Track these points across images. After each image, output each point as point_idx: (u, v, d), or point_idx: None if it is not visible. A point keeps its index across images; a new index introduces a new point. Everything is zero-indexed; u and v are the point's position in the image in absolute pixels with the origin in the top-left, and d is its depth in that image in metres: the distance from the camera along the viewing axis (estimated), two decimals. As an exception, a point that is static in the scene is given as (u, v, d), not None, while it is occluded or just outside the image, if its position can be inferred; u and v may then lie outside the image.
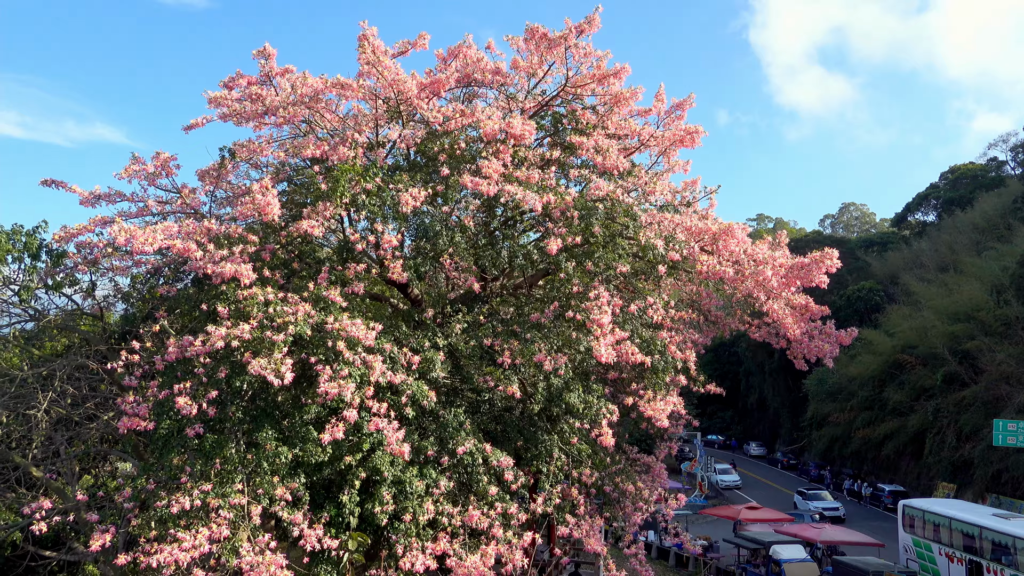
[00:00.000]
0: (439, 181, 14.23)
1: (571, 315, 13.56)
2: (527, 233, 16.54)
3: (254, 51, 15.20)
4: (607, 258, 13.93)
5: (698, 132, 17.32)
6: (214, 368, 11.69)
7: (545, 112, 17.59)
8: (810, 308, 17.18)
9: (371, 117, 15.25)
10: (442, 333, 13.95)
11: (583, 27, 15.80)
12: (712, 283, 16.61)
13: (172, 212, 15.41)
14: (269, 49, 15.33)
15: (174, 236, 12.49)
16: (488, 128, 14.17)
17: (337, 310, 12.37)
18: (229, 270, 12.06)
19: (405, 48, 15.77)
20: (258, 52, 15.27)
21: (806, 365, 17.93)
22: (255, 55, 15.22)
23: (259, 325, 11.56)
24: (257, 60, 15.23)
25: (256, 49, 15.23)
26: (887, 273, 74.90)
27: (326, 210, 13.01)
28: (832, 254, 15.85)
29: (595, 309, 13.19)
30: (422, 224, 13.97)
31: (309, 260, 14.49)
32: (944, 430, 50.65)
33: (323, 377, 11.42)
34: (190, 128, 15.27)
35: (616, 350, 13.40)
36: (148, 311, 14.92)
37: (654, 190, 17.05)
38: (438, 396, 13.21)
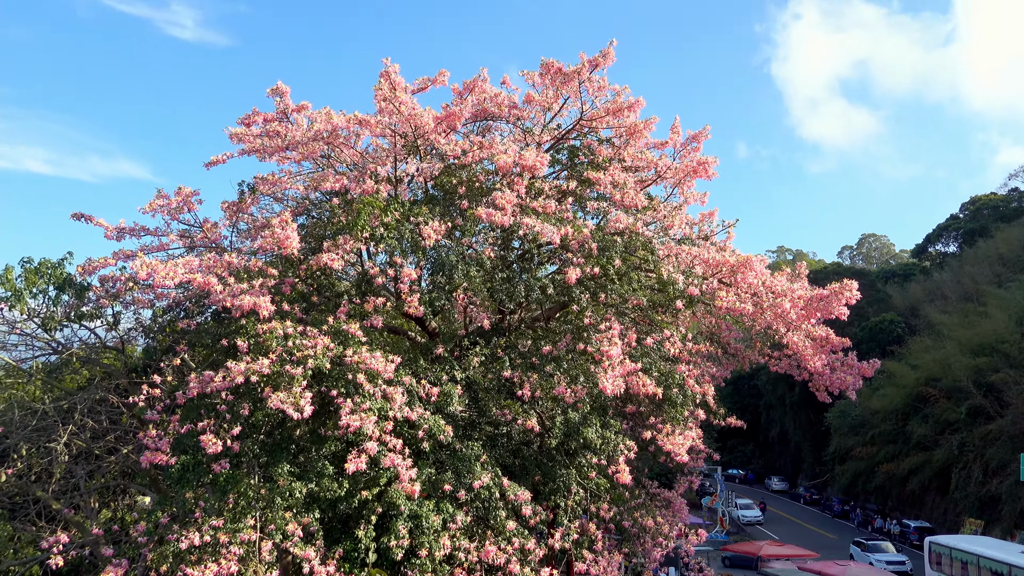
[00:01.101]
0: (456, 214, 14.35)
1: (582, 347, 13.57)
2: (544, 266, 16.63)
3: (269, 89, 15.52)
4: (622, 290, 13.94)
5: (710, 163, 17.40)
6: (236, 404, 11.76)
7: (561, 145, 17.77)
8: (831, 340, 17.08)
9: (389, 152, 15.46)
10: (460, 366, 13.98)
11: (598, 61, 16.00)
12: (731, 316, 16.57)
13: (194, 246, 15.63)
14: (282, 87, 15.63)
15: (195, 270, 12.64)
16: (502, 161, 14.33)
17: (356, 343, 12.44)
18: (248, 303, 12.15)
19: (425, 84, 16.03)
20: (272, 90, 15.59)
21: (828, 398, 17.79)
22: (270, 93, 15.53)
23: (278, 359, 11.62)
24: (272, 98, 15.53)
25: (270, 87, 15.56)
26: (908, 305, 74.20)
27: (346, 243, 13.14)
28: (852, 285, 15.79)
29: (605, 341, 13.20)
30: (439, 258, 14.08)
31: (328, 293, 14.60)
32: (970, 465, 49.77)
33: (344, 410, 11.45)
34: (212, 164, 15.55)
35: (628, 381, 13.38)
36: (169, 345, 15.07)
37: (672, 223, 17.12)
38: (455, 430, 13.21)
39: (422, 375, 13.51)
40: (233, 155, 15.60)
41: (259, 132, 15.69)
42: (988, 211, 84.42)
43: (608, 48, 15.96)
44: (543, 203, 14.35)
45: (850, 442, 65.14)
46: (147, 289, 14.99)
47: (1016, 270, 60.25)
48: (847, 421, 65.54)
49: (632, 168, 17.38)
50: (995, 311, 53.39)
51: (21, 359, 16.24)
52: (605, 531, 16.04)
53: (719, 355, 19.32)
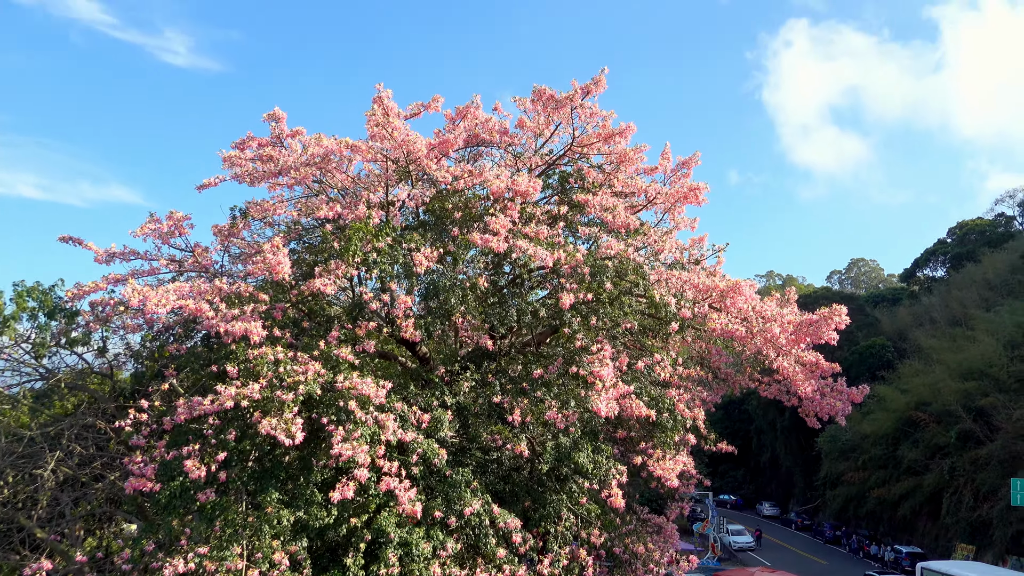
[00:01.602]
0: (449, 240, 14.41)
1: (574, 370, 13.60)
2: (535, 290, 16.68)
3: (265, 114, 15.60)
4: (613, 314, 14.00)
5: (701, 189, 17.56)
6: (223, 429, 11.70)
7: (552, 171, 17.90)
8: (820, 365, 17.14)
9: (381, 177, 15.54)
10: (450, 391, 13.98)
11: (589, 88, 16.20)
12: (721, 340, 16.63)
13: (184, 270, 15.61)
14: (279, 112, 15.72)
15: (186, 296, 12.63)
16: (495, 186, 14.43)
17: (347, 368, 12.42)
18: (240, 329, 12.13)
19: (418, 110, 16.17)
20: (268, 115, 15.67)
21: (818, 423, 17.82)
22: (266, 118, 15.61)
23: (269, 384, 11.59)
24: (268, 123, 15.61)
25: (267, 112, 15.64)
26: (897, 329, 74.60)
27: (338, 268, 13.17)
28: (841, 310, 15.88)
29: (596, 362, 13.23)
30: (433, 283, 14.11)
31: (319, 318, 14.60)
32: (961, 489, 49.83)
33: (336, 438, 11.41)
34: (203, 188, 15.57)
35: (621, 404, 13.40)
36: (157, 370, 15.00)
37: (663, 248, 17.24)
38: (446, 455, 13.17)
39: (413, 400, 13.50)
40: (225, 179, 15.65)
41: (252, 156, 15.75)
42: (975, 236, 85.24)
43: (600, 75, 16.16)
44: (535, 228, 14.44)
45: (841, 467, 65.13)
46: (137, 314, 14.92)
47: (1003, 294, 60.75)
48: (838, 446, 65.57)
49: (623, 194, 17.52)
50: (983, 335, 53.74)
51: (8, 385, 16.13)
52: (596, 558, 15.96)
53: (709, 380, 19.36)
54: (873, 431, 60.30)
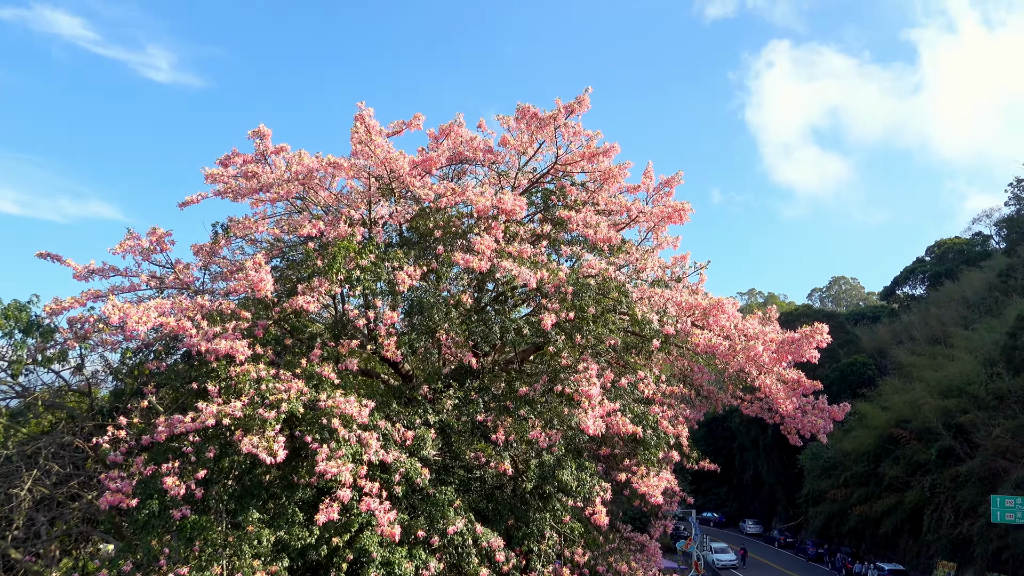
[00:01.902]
0: (432, 258, 14.40)
1: (560, 388, 13.59)
2: (518, 308, 16.68)
3: (250, 131, 15.58)
4: (597, 331, 14.04)
5: (685, 209, 17.69)
6: (203, 447, 11.59)
7: (536, 189, 17.97)
8: (802, 383, 17.24)
9: (364, 194, 15.54)
10: (433, 410, 13.93)
11: (573, 107, 16.29)
12: (704, 357, 16.70)
13: (165, 287, 15.49)
14: (264, 129, 15.70)
15: (167, 313, 12.55)
16: (480, 204, 14.46)
17: (330, 387, 12.38)
18: (224, 347, 12.08)
19: (400, 128, 16.19)
20: (253, 132, 15.64)
21: (800, 440, 17.90)
22: (251, 135, 15.58)
23: (251, 402, 11.53)
24: (252, 140, 15.59)
25: (252, 129, 15.62)
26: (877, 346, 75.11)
27: (321, 286, 13.12)
28: (822, 328, 16.01)
29: (583, 381, 13.24)
30: (416, 300, 14.09)
31: (302, 336, 14.53)
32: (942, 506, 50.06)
33: (320, 456, 11.34)
34: (185, 204, 15.50)
35: (606, 422, 13.40)
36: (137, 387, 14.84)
37: (645, 266, 17.32)
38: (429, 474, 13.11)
39: (396, 419, 13.44)
40: (208, 195, 15.58)
41: (235, 173, 15.71)
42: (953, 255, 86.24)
43: (583, 95, 16.26)
44: (519, 247, 14.47)
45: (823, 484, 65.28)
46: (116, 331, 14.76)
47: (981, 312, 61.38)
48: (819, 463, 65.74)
49: (606, 212, 17.60)
50: (962, 353, 54.22)
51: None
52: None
53: (692, 397, 19.41)
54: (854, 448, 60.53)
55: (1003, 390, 46.98)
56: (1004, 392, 46.86)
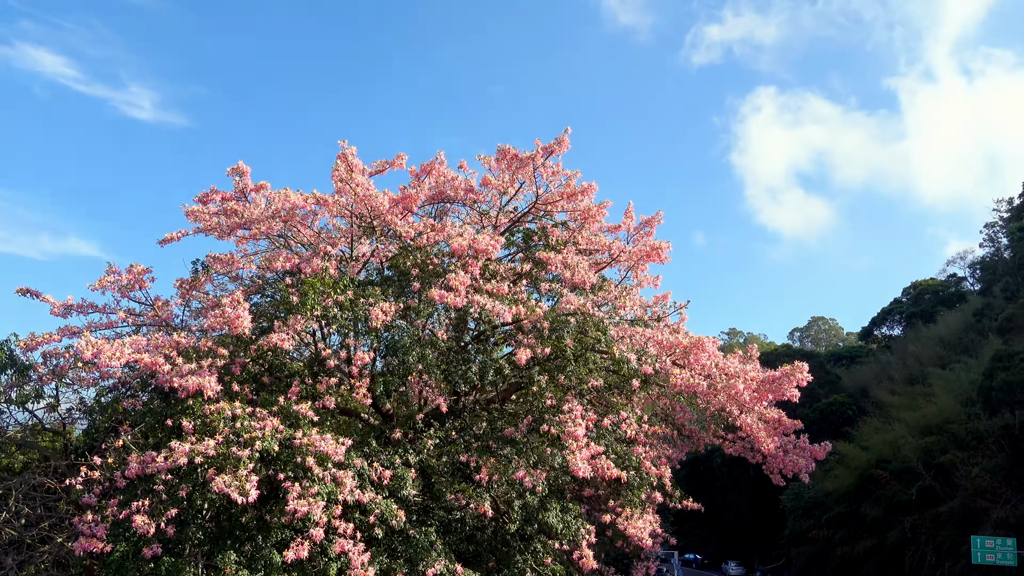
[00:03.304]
0: (411, 295, 14.29)
1: (545, 429, 13.44)
2: (499, 347, 16.54)
3: (229, 168, 15.53)
4: (579, 372, 13.92)
5: (663, 248, 17.77)
6: (175, 485, 11.31)
7: (516, 229, 17.95)
8: (783, 422, 17.12)
9: (346, 232, 15.46)
10: (413, 449, 13.70)
11: (552, 148, 16.37)
12: (685, 397, 16.59)
13: (143, 324, 15.28)
14: (243, 167, 15.65)
15: (142, 350, 12.36)
16: (457, 244, 14.42)
17: (307, 425, 12.17)
18: (194, 383, 11.89)
19: (383, 167, 16.19)
20: (232, 170, 15.59)
21: (783, 480, 17.74)
22: (230, 172, 15.53)
23: (225, 440, 11.30)
24: (232, 177, 15.53)
25: (231, 167, 15.57)
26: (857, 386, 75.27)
27: (297, 323, 12.96)
28: (803, 367, 15.93)
29: (569, 422, 13.10)
30: (392, 340, 13.95)
31: (280, 374, 14.32)
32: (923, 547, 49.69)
33: (292, 494, 11.11)
34: (165, 242, 15.37)
35: (592, 464, 13.24)
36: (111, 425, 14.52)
37: (624, 304, 17.25)
38: (408, 515, 12.84)
39: (374, 458, 13.20)
40: (188, 233, 15.47)
41: (216, 210, 15.61)
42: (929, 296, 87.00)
43: (563, 136, 16.35)
44: (496, 285, 14.40)
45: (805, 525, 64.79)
46: (91, 368, 14.51)
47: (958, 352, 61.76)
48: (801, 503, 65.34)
49: (586, 251, 17.60)
50: (941, 392, 54.37)
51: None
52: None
53: (674, 437, 19.24)
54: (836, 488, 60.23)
55: (981, 429, 47.07)
56: (982, 432, 46.95)
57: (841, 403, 71.33)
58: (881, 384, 69.89)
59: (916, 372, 65.03)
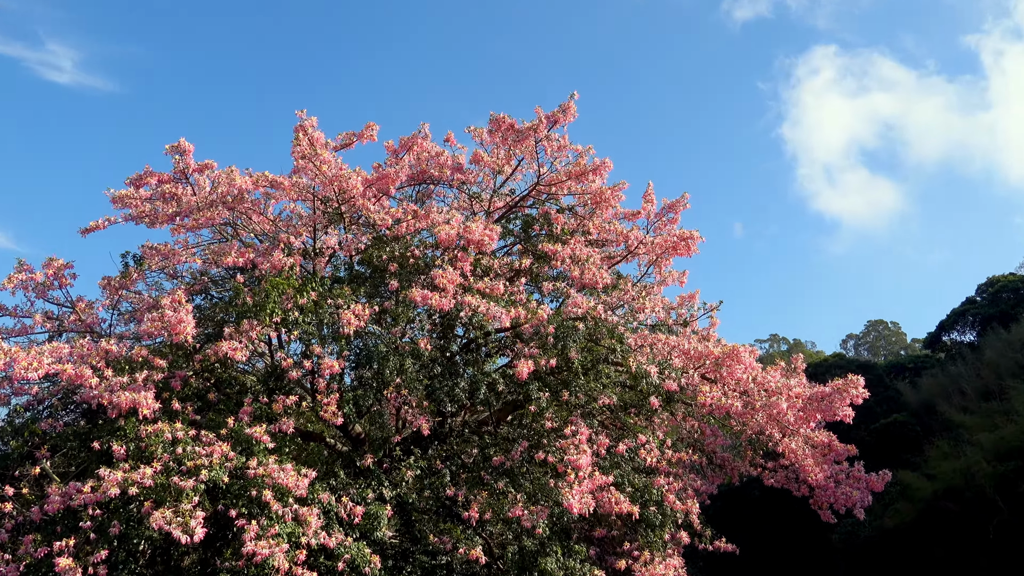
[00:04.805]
0: (387, 296, 14.27)
1: (542, 456, 13.43)
2: (493, 359, 16.54)
3: (168, 146, 15.50)
4: (588, 387, 13.90)
5: (693, 238, 17.65)
6: (106, 521, 11.32)
7: (514, 215, 17.95)
8: (834, 447, 17.15)
9: (308, 220, 15.44)
10: (389, 481, 13.70)
11: (557, 117, 16.34)
12: (717, 418, 16.60)
13: (64, 330, 15.28)
14: (184, 144, 15.62)
15: (64, 360, 12.36)
16: (444, 233, 14.38)
17: (262, 452, 12.18)
18: (127, 400, 11.88)
19: (350, 140, 16.17)
20: (172, 147, 15.56)
21: (833, 517, 17.76)
22: (169, 150, 15.49)
23: (164, 469, 11.30)
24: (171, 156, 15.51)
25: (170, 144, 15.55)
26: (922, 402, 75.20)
27: (252, 329, 12.96)
28: (858, 381, 15.92)
29: (571, 448, 13.09)
30: (366, 348, 13.93)
31: (229, 390, 14.33)
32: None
33: (248, 534, 11.09)
34: (88, 231, 15.37)
35: (599, 498, 13.23)
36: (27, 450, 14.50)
37: (643, 307, 17.23)
38: (384, 560, 12.84)
39: (343, 492, 13.20)
40: (117, 221, 15.46)
41: (151, 195, 15.60)
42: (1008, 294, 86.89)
43: (569, 102, 16.31)
44: (490, 283, 14.37)
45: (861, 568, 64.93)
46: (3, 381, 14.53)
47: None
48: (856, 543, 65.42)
49: (598, 242, 17.59)
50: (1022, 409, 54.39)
51: None
52: None
53: (703, 466, 19.25)
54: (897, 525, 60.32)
55: (1072, 454, 47.10)
56: (1073, 457, 46.97)
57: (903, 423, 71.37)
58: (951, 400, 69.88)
59: (993, 385, 65.03)
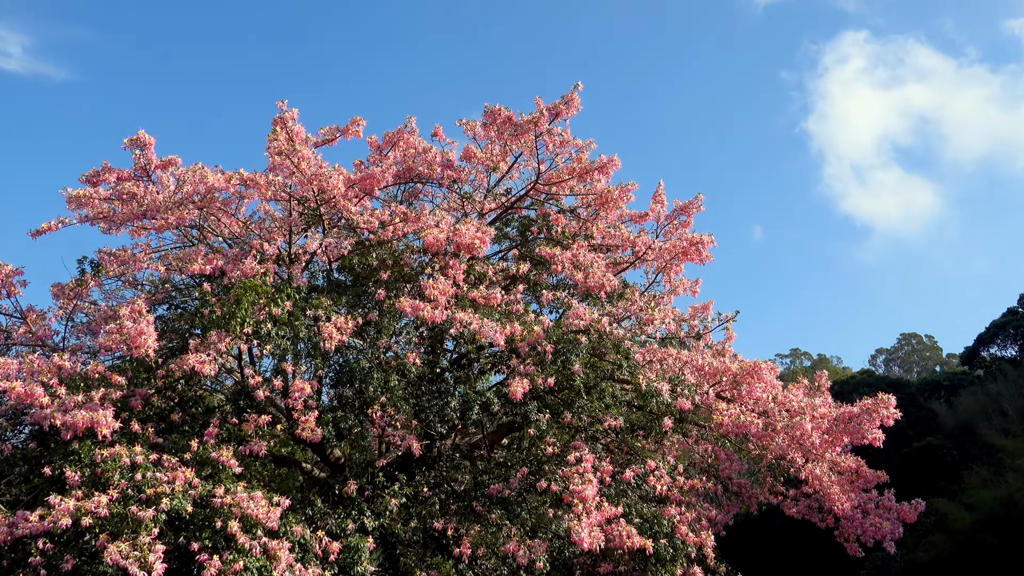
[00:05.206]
0: (371, 306, 14.20)
1: (544, 485, 13.37)
2: (486, 375, 16.47)
3: (127, 139, 15.45)
4: (592, 408, 13.84)
5: (704, 242, 17.60)
6: (56, 555, 11.27)
7: (510, 216, 17.90)
8: (862, 473, 17.11)
9: (282, 222, 15.40)
10: (372, 511, 13.65)
11: (559, 109, 16.30)
12: (733, 441, 16.54)
13: (13, 343, 15.25)
14: (145, 137, 15.58)
15: (13, 376, 12.34)
16: (432, 237, 14.33)
17: (229, 478, 12.14)
18: (84, 420, 11.82)
19: (332, 136, 16.15)
20: (131, 141, 15.52)
21: (861, 550, 17.70)
22: (128, 144, 15.44)
23: (122, 497, 11.27)
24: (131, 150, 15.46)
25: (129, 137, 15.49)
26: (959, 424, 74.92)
27: (220, 342, 12.92)
28: (889, 401, 15.88)
29: (576, 477, 13.03)
30: (347, 364, 13.87)
31: (195, 409, 14.28)
32: (1048, 638, 49.67)
33: (210, 570, 11.05)
34: (40, 233, 15.32)
35: (606, 531, 13.18)
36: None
37: (653, 318, 17.15)
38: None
39: (320, 522, 13.15)
40: (71, 222, 15.42)
41: (109, 194, 15.56)
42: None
43: (572, 93, 16.28)
44: (485, 293, 14.32)
45: (892, 608, 64.78)
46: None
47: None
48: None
49: (603, 247, 17.55)
50: (1069, 433, 54.40)
51: None
52: None
53: (718, 493, 19.20)
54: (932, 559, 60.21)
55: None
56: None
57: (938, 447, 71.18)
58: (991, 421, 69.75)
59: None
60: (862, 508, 17.10)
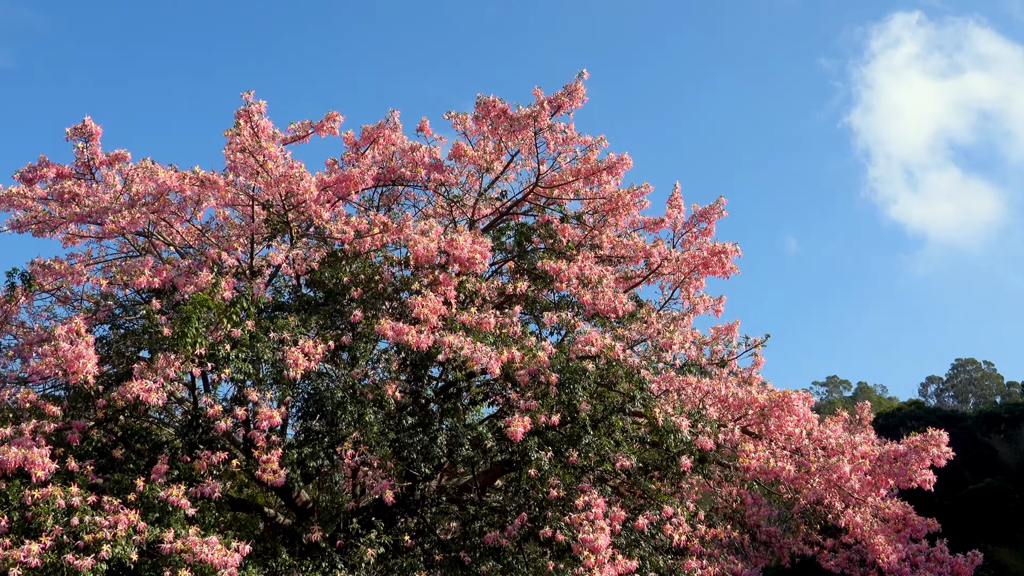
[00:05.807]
0: (345, 327, 14.19)
1: (547, 534, 13.35)
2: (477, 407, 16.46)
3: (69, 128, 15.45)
4: (600, 444, 13.84)
5: (727, 252, 17.62)
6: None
7: (505, 223, 17.92)
8: (910, 521, 17.10)
9: (243, 230, 15.40)
10: (344, 562, 13.63)
11: (561, 101, 16.35)
12: (762, 484, 16.52)
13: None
14: (91, 125, 15.59)
15: (-70, 407, 12.32)
16: (421, 247, 14.33)
17: (180, 521, 12.11)
18: (14, 458, 11.80)
19: (304, 132, 16.20)
20: (74, 130, 15.52)
21: (909, 610, 17.71)
22: (70, 134, 15.45)
23: (56, 544, 11.25)
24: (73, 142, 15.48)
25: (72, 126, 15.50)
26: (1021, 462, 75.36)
27: (169, 367, 12.91)
28: (941, 438, 15.87)
29: (585, 525, 13.01)
30: (317, 393, 13.86)
31: (140, 445, 14.26)
32: None
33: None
34: (-35, 241, 15.31)
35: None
36: None
37: (670, 341, 17.15)
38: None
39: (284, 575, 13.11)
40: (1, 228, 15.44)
41: (45, 193, 15.57)
42: None
43: (577, 82, 16.31)
44: (478, 315, 14.31)
45: (944, 675, 64.69)
46: None
47: None
48: (939, 642, 65.25)
49: (612, 258, 17.56)
50: None
51: None
52: None
53: (745, 544, 19.18)
54: (990, 619, 60.19)
55: None
56: None
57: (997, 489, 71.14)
58: (1058, 460, 70.06)
59: (1111, 441, 65.20)
60: (910, 561, 17.07)
